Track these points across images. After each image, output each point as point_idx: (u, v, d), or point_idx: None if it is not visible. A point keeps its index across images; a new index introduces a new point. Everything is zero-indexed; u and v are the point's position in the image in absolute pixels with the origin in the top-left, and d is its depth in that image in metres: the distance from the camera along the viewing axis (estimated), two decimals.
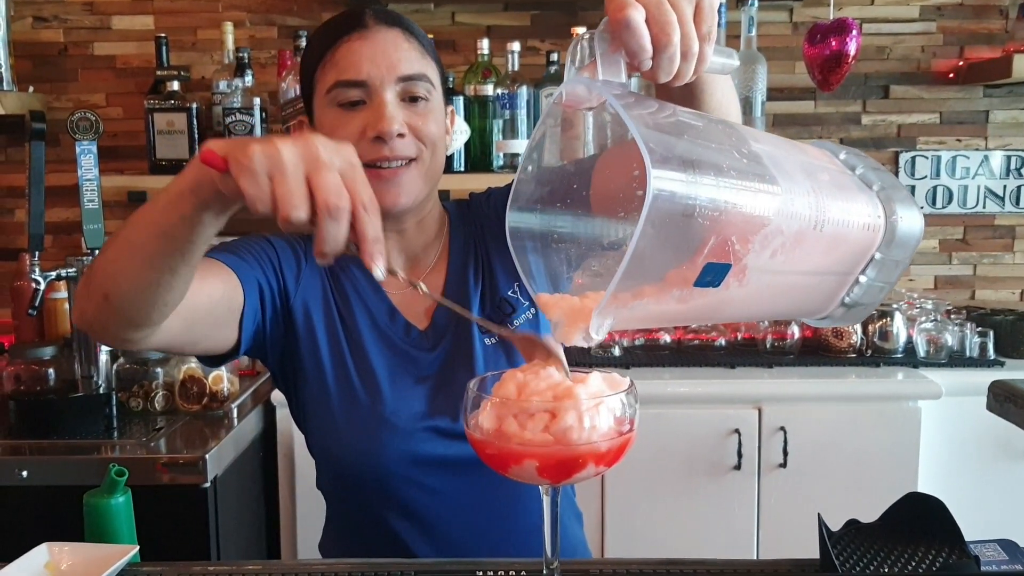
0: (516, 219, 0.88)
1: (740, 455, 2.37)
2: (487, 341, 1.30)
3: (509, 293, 1.33)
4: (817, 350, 2.67)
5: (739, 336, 2.72)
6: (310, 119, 1.29)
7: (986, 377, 1.90)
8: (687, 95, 1.03)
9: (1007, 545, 1.11)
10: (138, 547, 1.11)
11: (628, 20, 0.78)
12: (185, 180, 0.87)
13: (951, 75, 2.94)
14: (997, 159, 2.97)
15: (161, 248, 0.92)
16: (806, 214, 0.80)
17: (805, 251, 0.82)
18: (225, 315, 1.19)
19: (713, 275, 0.74)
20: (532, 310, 1.32)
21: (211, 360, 1.26)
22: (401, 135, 1.20)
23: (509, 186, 1.27)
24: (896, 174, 2.96)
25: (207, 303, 1.13)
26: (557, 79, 2.66)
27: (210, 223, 0.90)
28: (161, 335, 1.06)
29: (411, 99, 1.23)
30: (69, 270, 2.13)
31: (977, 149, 2.97)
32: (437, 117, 1.26)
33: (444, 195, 2.63)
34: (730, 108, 1.08)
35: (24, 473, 1.97)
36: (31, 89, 2.76)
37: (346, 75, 1.21)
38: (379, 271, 0.81)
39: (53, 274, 2.11)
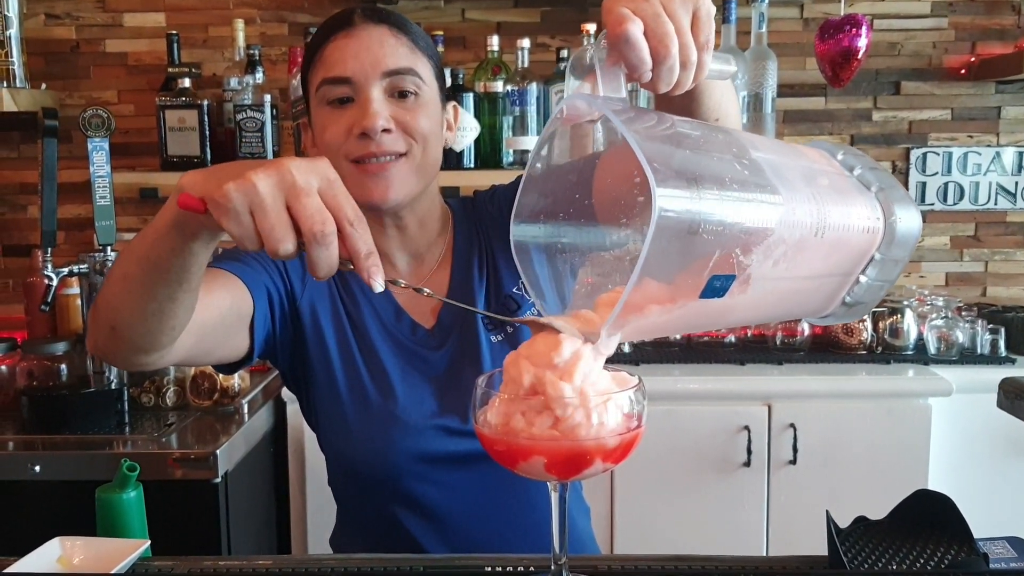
0: (520, 232, 0.88)
1: (750, 452, 2.37)
2: (493, 339, 1.31)
3: (514, 290, 1.33)
4: (827, 347, 2.67)
5: (749, 333, 2.72)
6: (309, 120, 1.30)
7: (997, 374, 1.90)
8: (685, 99, 1.03)
9: (1016, 542, 1.11)
10: (149, 542, 1.12)
11: (627, 34, 0.78)
12: (167, 218, 0.86)
13: (963, 71, 2.93)
14: (1009, 155, 2.95)
15: (157, 279, 0.92)
16: (807, 222, 0.80)
17: (807, 257, 0.82)
18: (236, 324, 1.20)
19: (718, 286, 0.75)
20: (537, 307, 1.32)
21: (226, 368, 1.27)
22: (387, 130, 1.20)
23: (514, 184, 1.28)
24: (907, 171, 2.96)
25: (216, 315, 1.13)
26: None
27: (201, 251, 0.90)
28: (174, 353, 1.07)
29: (400, 94, 1.22)
30: (81, 266, 2.14)
31: (989, 145, 2.96)
32: (429, 112, 1.25)
33: (454, 191, 2.65)
34: (729, 109, 1.08)
35: (37, 468, 1.98)
36: (43, 86, 2.77)
37: (331, 72, 1.22)
38: (378, 284, 0.81)
39: (65, 270, 2.12)
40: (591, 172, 0.95)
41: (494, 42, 2.67)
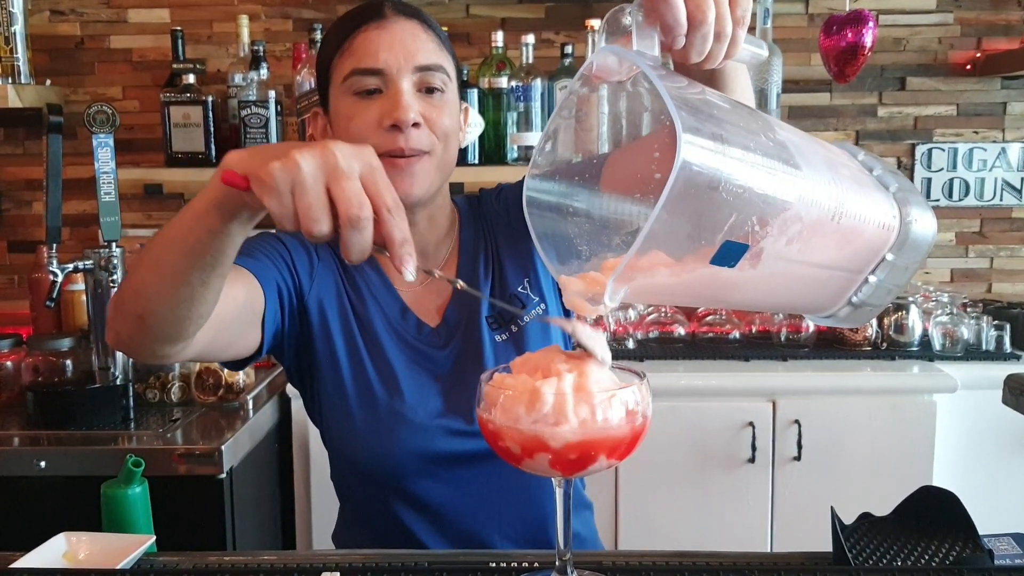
0: (534, 187, 0.88)
1: (754, 448, 2.37)
2: (497, 338, 1.31)
3: (519, 289, 1.33)
4: (832, 343, 2.67)
5: (753, 329, 2.72)
6: (325, 110, 1.30)
7: (1002, 370, 1.90)
8: (709, 83, 1.03)
9: (1021, 539, 1.11)
10: (155, 537, 1.12)
11: None
12: (209, 197, 0.87)
13: (968, 67, 2.92)
14: (1014, 151, 2.95)
15: (192, 264, 0.92)
16: (826, 203, 0.80)
17: (820, 242, 0.82)
18: (250, 319, 1.20)
19: (730, 254, 0.74)
20: (542, 305, 1.32)
21: (235, 364, 1.27)
22: (416, 124, 1.19)
23: (520, 183, 1.28)
24: (912, 167, 2.95)
25: (233, 309, 1.13)
26: (571, 72, 2.65)
27: (238, 232, 0.90)
28: (193, 347, 1.07)
29: (427, 90, 1.22)
30: (86, 262, 2.14)
31: (994, 141, 2.95)
32: (452, 110, 1.25)
33: (458, 188, 2.65)
34: (748, 101, 1.09)
35: (42, 463, 1.98)
36: (48, 82, 2.77)
37: (363, 63, 1.20)
38: (409, 273, 0.81)
39: (70, 266, 2.13)
40: (603, 159, 0.95)
41: (499, 38, 2.67)
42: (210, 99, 2.69)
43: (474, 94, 2.61)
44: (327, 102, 1.28)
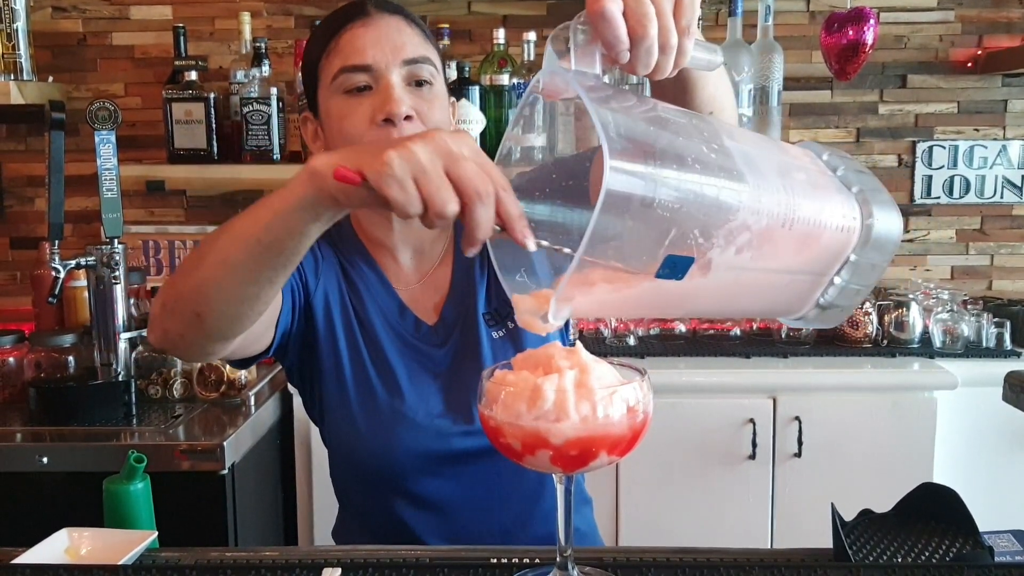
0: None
1: (755, 445, 2.37)
2: (495, 335, 1.31)
3: None
4: (832, 340, 2.66)
5: (754, 326, 2.72)
6: (314, 113, 1.30)
7: (1002, 368, 1.90)
8: (677, 89, 1.03)
9: (1021, 536, 1.11)
10: (156, 533, 1.12)
11: (604, 11, 0.79)
12: (296, 195, 0.87)
13: (969, 64, 2.92)
14: (1015, 149, 2.94)
15: (265, 262, 0.93)
16: (775, 211, 0.80)
17: (774, 249, 0.82)
18: (268, 319, 1.20)
19: (675, 267, 0.75)
20: None
21: (241, 362, 1.27)
22: (409, 117, 1.19)
23: (511, 181, 1.27)
24: (913, 164, 2.95)
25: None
26: None
27: (316, 232, 0.91)
28: (232, 345, 1.08)
29: (417, 84, 1.22)
30: (89, 259, 2.14)
31: (995, 139, 2.95)
32: (442, 103, 1.25)
33: None
34: (724, 102, 1.08)
35: (44, 459, 1.99)
36: (51, 79, 2.77)
37: (351, 60, 1.21)
38: (532, 244, 0.82)
39: (73, 262, 2.13)
40: (591, 159, 0.96)
41: (500, 35, 2.67)
42: (212, 96, 2.69)
43: (475, 91, 2.61)
44: (316, 106, 1.28)
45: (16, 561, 1.02)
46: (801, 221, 0.82)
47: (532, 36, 2.65)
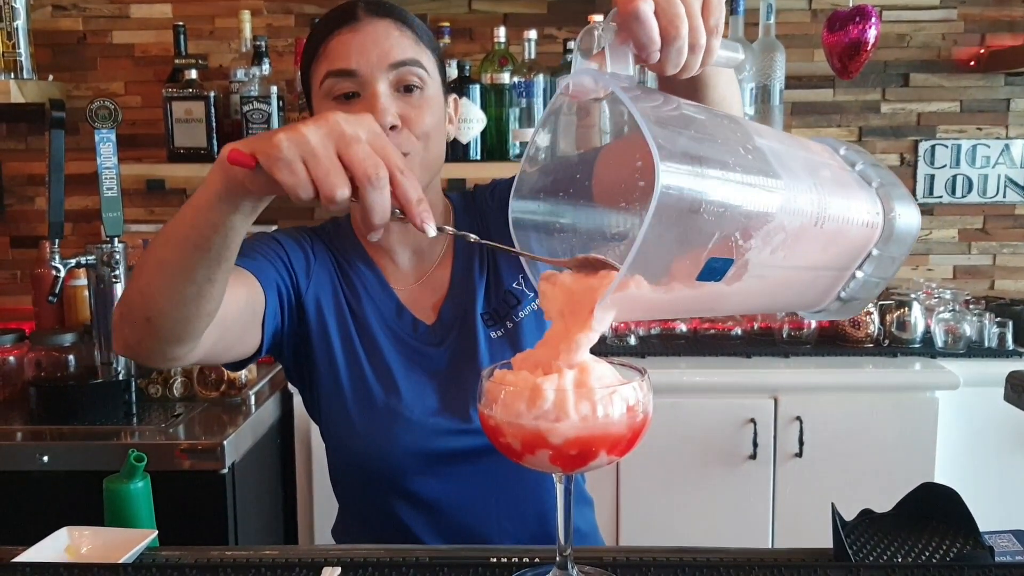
0: (519, 208, 0.88)
1: (756, 444, 2.37)
2: (492, 335, 1.31)
3: (514, 285, 1.33)
4: (834, 340, 2.66)
5: (755, 326, 2.72)
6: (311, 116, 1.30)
7: (1004, 367, 1.89)
8: (690, 88, 1.03)
9: (1022, 536, 1.11)
10: (157, 532, 1.12)
11: (637, 11, 0.78)
12: (210, 189, 0.87)
13: (972, 63, 2.91)
14: (1018, 148, 2.94)
15: (197, 260, 0.93)
16: (808, 210, 0.80)
17: (805, 247, 0.82)
18: (251, 319, 1.20)
19: (715, 270, 0.75)
20: (537, 302, 1.32)
21: (235, 365, 1.27)
22: (394, 127, 1.19)
23: (513, 179, 1.27)
24: (915, 163, 2.95)
25: (236, 310, 1.13)
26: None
27: (241, 225, 0.90)
28: (200, 349, 1.07)
29: (405, 89, 1.22)
30: (89, 258, 2.14)
31: (998, 138, 2.94)
32: (433, 107, 1.24)
33: (460, 184, 2.65)
34: (732, 101, 1.08)
35: (45, 458, 1.99)
36: (51, 77, 2.77)
37: (336, 65, 1.20)
38: (431, 229, 0.81)
39: (73, 261, 2.13)
40: (594, 157, 0.95)
41: (501, 33, 2.67)
42: (212, 95, 2.68)
43: (476, 90, 2.61)
44: (312, 110, 1.29)
45: (16, 560, 1.02)
46: (831, 219, 0.82)
47: (533, 34, 2.65)
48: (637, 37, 0.80)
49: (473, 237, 0.90)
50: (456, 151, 2.59)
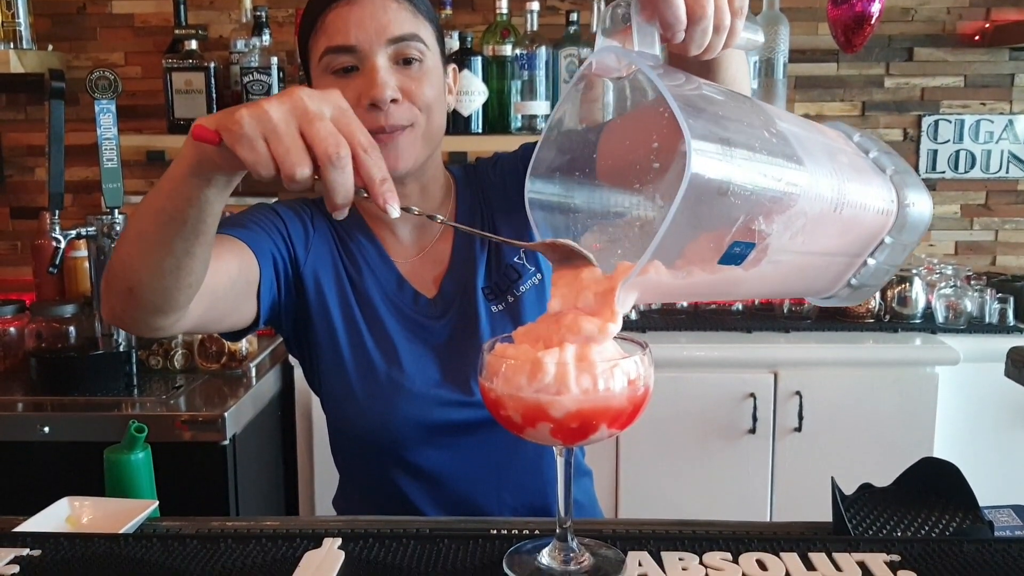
0: (534, 188, 0.88)
1: (755, 419, 2.37)
2: (493, 308, 1.30)
3: (515, 259, 1.33)
4: (835, 315, 2.66)
5: (756, 301, 2.71)
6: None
7: (1005, 343, 1.89)
8: (703, 67, 1.02)
9: (1021, 510, 1.11)
10: (157, 502, 1.13)
11: None
12: (184, 163, 0.86)
13: (976, 37, 2.89)
14: (1022, 123, 2.93)
15: (174, 233, 0.92)
16: (828, 195, 0.80)
17: (822, 233, 0.82)
18: (244, 289, 1.20)
19: (737, 253, 0.74)
20: (538, 276, 1.32)
21: (232, 335, 1.27)
22: (395, 100, 1.18)
23: (516, 152, 1.26)
24: (918, 138, 2.93)
25: (226, 280, 1.13)
26: (576, 39, 2.63)
27: (216, 199, 0.90)
28: (188, 318, 1.07)
29: (404, 61, 1.20)
30: (89, 229, 2.13)
31: (1001, 113, 2.93)
32: (433, 79, 1.23)
33: (461, 156, 2.64)
34: (743, 82, 1.09)
35: (46, 429, 1.99)
36: (50, 47, 2.76)
37: (334, 41, 1.19)
38: (394, 210, 0.80)
39: (73, 232, 2.12)
40: (597, 135, 0.95)
41: (503, 5, 2.64)
42: (212, 65, 2.67)
43: (478, 62, 2.59)
44: (311, 82, 1.28)
45: (17, 529, 1.03)
46: (849, 205, 0.82)
47: (535, 6, 2.63)
48: (664, 16, 0.79)
49: (440, 218, 0.89)
50: (457, 124, 2.58)
